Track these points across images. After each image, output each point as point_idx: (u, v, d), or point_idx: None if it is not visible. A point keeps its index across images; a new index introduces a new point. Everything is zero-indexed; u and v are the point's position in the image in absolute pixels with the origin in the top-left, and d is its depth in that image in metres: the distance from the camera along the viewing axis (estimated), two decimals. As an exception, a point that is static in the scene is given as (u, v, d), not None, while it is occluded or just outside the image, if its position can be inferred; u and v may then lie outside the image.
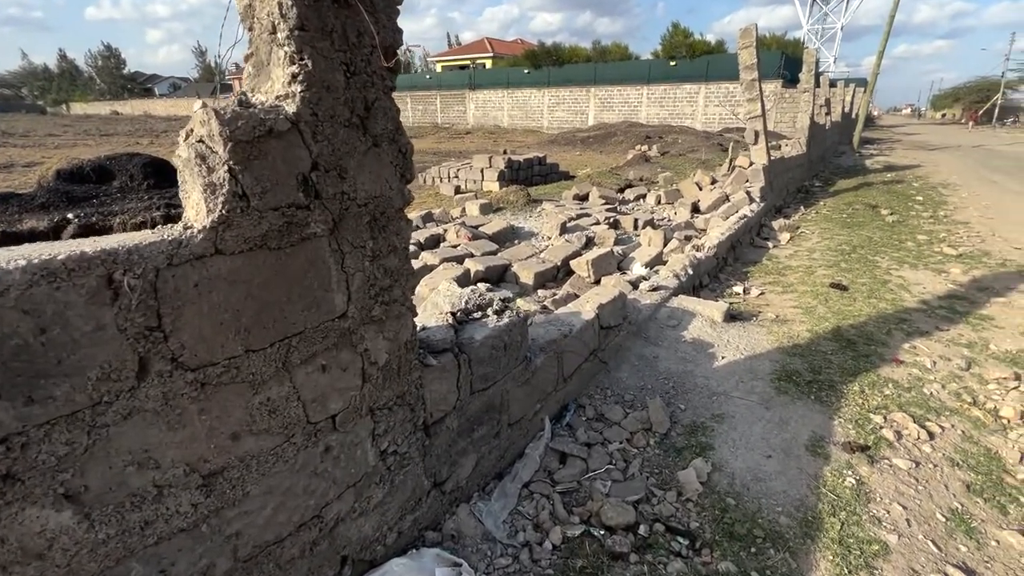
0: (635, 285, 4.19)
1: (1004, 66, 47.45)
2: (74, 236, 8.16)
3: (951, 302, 4.47)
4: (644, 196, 8.80)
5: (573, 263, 4.64)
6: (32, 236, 8.27)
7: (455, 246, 4.89)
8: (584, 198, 8.47)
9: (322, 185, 1.24)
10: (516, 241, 5.76)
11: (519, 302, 4.01)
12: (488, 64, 43.14)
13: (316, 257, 1.27)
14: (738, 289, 4.78)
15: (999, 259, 5.79)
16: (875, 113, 62.68)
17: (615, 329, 3.24)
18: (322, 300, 1.31)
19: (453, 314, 2.14)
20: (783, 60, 25.16)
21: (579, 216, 6.71)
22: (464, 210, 7.58)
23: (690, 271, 4.50)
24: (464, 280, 4.00)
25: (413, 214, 6.76)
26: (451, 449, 1.94)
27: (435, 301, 2.27)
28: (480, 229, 5.63)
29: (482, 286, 2.65)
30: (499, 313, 2.22)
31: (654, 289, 4.00)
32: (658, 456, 2.38)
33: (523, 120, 32.41)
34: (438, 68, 47.76)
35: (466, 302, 2.20)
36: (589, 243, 5.68)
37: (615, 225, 6.58)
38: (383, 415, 1.58)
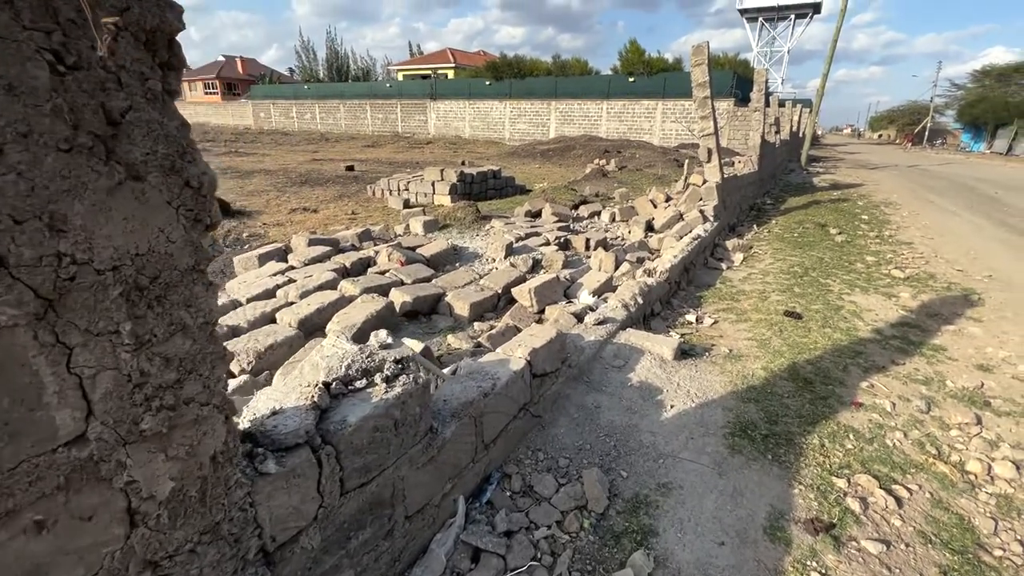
0: (580, 317, 3.81)
1: (932, 92, 50.94)
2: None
3: (904, 331, 4.33)
4: (599, 213, 8.55)
5: (515, 291, 4.23)
6: None
7: (384, 272, 4.40)
8: (537, 215, 8.13)
9: (5, 245, 0.76)
10: (457, 264, 5.31)
11: (449, 339, 3.56)
12: (450, 74, 42.81)
13: (3, 359, 0.79)
14: (691, 318, 4.49)
15: (944, 282, 5.78)
16: (819, 132, 66.09)
17: (552, 375, 2.83)
18: (26, 423, 0.82)
19: (327, 385, 1.67)
20: (735, 79, 25.95)
21: (528, 235, 6.34)
22: (408, 227, 7.08)
23: (640, 300, 4.17)
24: (386, 315, 3.52)
25: (350, 231, 6.21)
26: (312, 573, 1.46)
27: (306, 368, 1.79)
28: (417, 251, 5.15)
29: (376, 341, 2.19)
30: (390, 380, 1.76)
31: (600, 322, 3.63)
32: (593, 545, 1.96)
33: (485, 131, 32.18)
34: (399, 77, 47.08)
35: (347, 367, 1.73)
36: (536, 266, 5.30)
37: (565, 246, 6.23)
38: (179, 565, 1.09)
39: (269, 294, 3.77)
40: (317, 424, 1.49)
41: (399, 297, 3.78)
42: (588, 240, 6.29)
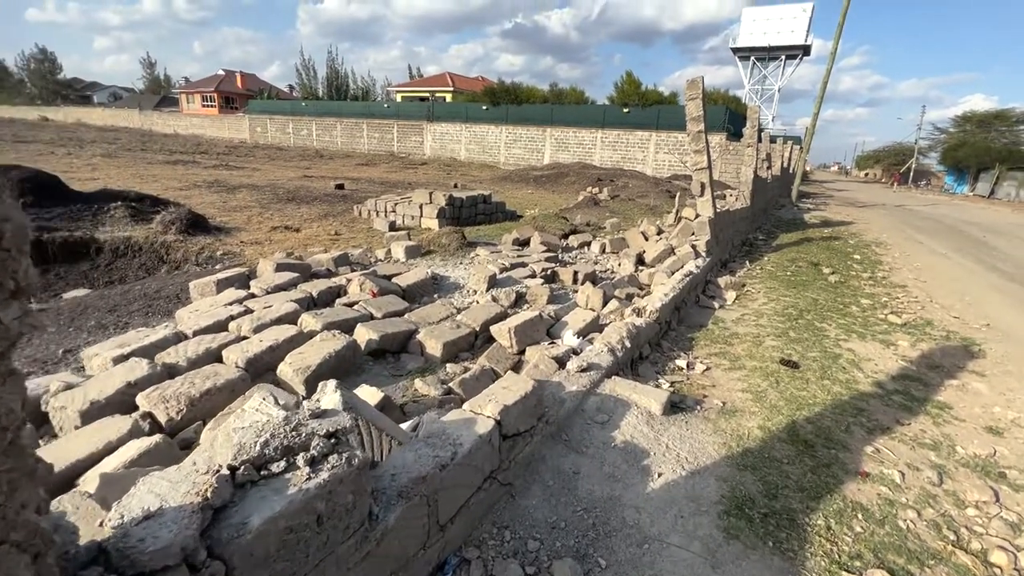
0: (562, 362, 3.51)
1: (917, 134, 52.34)
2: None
3: (906, 384, 4.07)
4: (589, 244, 8.33)
5: (494, 329, 3.93)
6: None
7: (353, 304, 4.07)
8: (525, 243, 7.89)
9: None
10: (435, 296, 5.00)
11: (417, 383, 3.23)
12: (448, 98, 43.26)
13: None
14: (682, 363, 4.21)
15: (942, 330, 5.58)
16: (808, 169, 67.51)
17: (526, 435, 2.51)
18: None
19: (232, 471, 1.34)
20: (727, 115, 26.38)
21: (514, 265, 6.07)
22: (390, 251, 6.78)
23: (628, 344, 3.88)
24: (347, 356, 3.18)
25: (326, 255, 5.90)
26: None
27: (219, 440, 1.46)
28: (394, 280, 4.84)
29: (321, 397, 1.86)
30: (317, 461, 1.43)
31: (584, 369, 3.33)
32: (561, 663, 1.62)
33: (480, 154, 32.31)
34: (398, 98, 47.47)
35: (264, 444, 1.41)
36: (520, 300, 5.01)
37: (552, 278, 5.97)
38: None
39: (221, 326, 3.42)
40: (206, 530, 1.16)
41: (364, 334, 3.45)
42: (576, 273, 6.03)
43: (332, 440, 1.51)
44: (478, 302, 4.82)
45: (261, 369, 2.98)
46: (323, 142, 38.78)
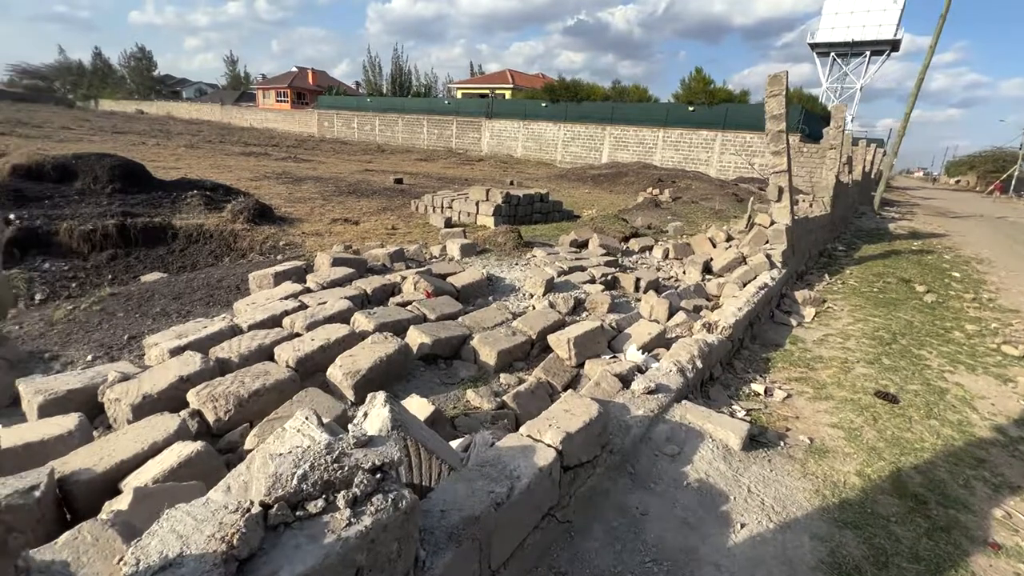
0: (626, 381, 3.20)
1: (1023, 139, 46.98)
2: (12, 240, 7.15)
3: (1034, 432, 3.45)
4: (650, 248, 7.88)
5: (552, 338, 3.67)
6: None
7: (407, 303, 3.94)
8: (583, 245, 7.56)
9: None
10: (490, 298, 4.79)
11: (469, 394, 3.03)
12: (507, 95, 43.25)
13: None
14: (758, 388, 3.78)
15: (1073, 367, 4.77)
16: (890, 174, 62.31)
17: (588, 466, 2.24)
18: None
19: (266, 508, 1.16)
20: (802, 114, 24.68)
21: (572, 269, 5.77)
22: (445, 248, 6.67)
23: (699, 363, 3.51)
24: (399, 360, 3.03)
25: (382, 250, 5.85)
26: None
27: (255, 464, 1.30)
28: (448, 279, 4.68)
29: (370, 411, 1.69)
30: (359, 502, 1.24)
31: (651, 391, 3.01)
32: None
33: (537, 152, 32.07)
34: (458, 95, 48.01)
35: (302, 478, 1.22)
36: (578, 307, 4.71)
37: (612, 284, 5.62)
38: None
39: (275, 321, 3.38)
40: (229, 587, 0.98)
41: (417, 338, 3.29)
42: (638, 280, 5.66)
43: (378, 476, 1.31)
44: (534, 307, 4.58)
45: (311, 369, 2.88)
46: (385, 137, 39.85)
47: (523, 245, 7.04)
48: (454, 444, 2.40)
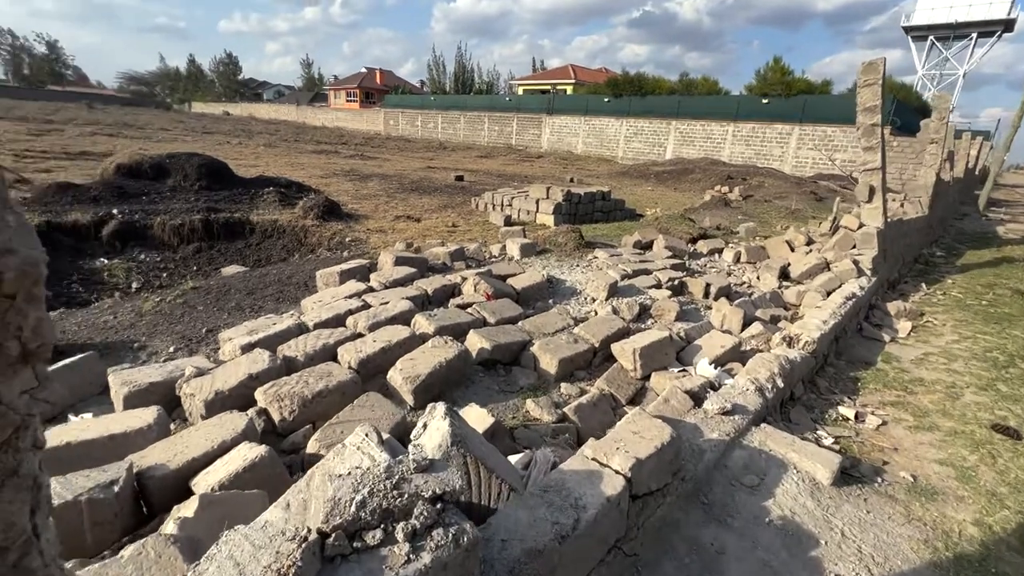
0: (698, 398, 2.97)
1: None
2: (113, 233, 7.83)
3: None
4: (720, 251, 7.42)
5: (616, 348, 3.48)
6: (75, 228, 7.99)
7: (467, 305, 3.89)
8: (647, 247, 7.24)
9: None
10: (551, 301, 4.66)
11: (528, 404, 2.92)
12: (569, 90, 42.73)
13: None
14: (847, 412, 3.41)
15: None
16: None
17: (658, 494, 2.07)
18: None
19: (324, 536, 1.10)
20: (894, 104, 22.54)
21: (636, 272, 5.51)
22: (505, 247, 6.60)
23: (779, 382, 3.20)
24: (458, 366, 2.96)
25: (443, 249, 5.87)
26: None
27: (315, 481, 1.25)
28: (508, 281, 4.59)
29: (430, 422, 1.61)
30: (418, 535, 1.15)
31: (726, 412, 2.77)
32: None
33: (598, 148, 31.45)
34: (519, 91, 48.01)
35: (360, 504, 1.16)
36: (643, 314, 4.48)
37: (680, 290, 5.31)
38: None
39: (339, 320, 3.43)
40: (282, 627, 0.92)
41: (476, 343, 3.22)
42: (708, 285, 5.32)
43: (438, 506, 1.23)
44: (596, 312, 4.39)
45: (373, 371, 2.89)
46: (447, 134, 40.57)
47: (584, 245, 6.84)
48: (513, 459, 2.29)
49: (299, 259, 6.81)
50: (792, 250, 7.26)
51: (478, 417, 2.42)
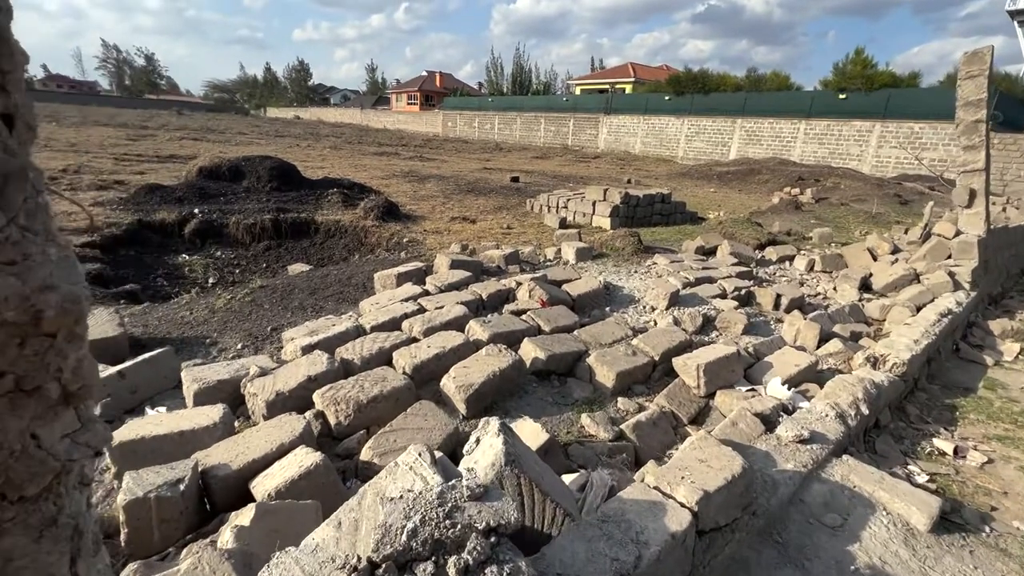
0: (770, 422, 2.73)
1: None
2: (194, 231, 8.47)
3: None
4: (792, 259, 6.94)
5: (677, 362, 3.29)
6: (162, 226, 8.70)
7: (521, 312, 3.81)
8: (710, 253, 6.88)
9: None
10: (607, 309, 4.49)
11: (584, 419, 2.81)
12: (628, 89, 41.84)
13: None
14: (943, 445, 3.04)
15: None
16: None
17: (726, 530, 1.90)
18: None
19: (374, 565, 1.06)
20: (996, 96, 20.32)
21: (699, 280, 5.23)
22: (560, 251, 6.48)
23: (864, 408, 2.90)
24: (512, 375, 2.89)
25: (498, 252, 5.84)
26: None
27: (367, 501, 1.20)
28: (564, 287, 4.47)
29: (483, 438, 1.54)
30: (474, 570, 1.08)
31: (803, 440, 2.53)
32: None
33: (656, 148, 30.56)
34: (577, 91, 47.57)
35: (411, 533, 1.10)
36: (707, 325, 4.22)
37: (747, 300, 4.98)
38: None
39: (395, 324, 3.46)
40: (329, 667, 0.88)
41: (531, 352, 3.14)
42: (779, 296, 4.96)
43: (492, 539, 1.15)
44: (656, 322, 4.19)
45: (426, 377, 2.88)
46: (503, 135, 40.83)
47: (643, 250, 6.59)
48: (568, 480, 2.19)
49: (359, 259, 7.01)
50: (875, 259, 6.66)
51: (532, 432, 2.33)
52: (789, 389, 3.19)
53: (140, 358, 2.80)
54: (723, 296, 4.92)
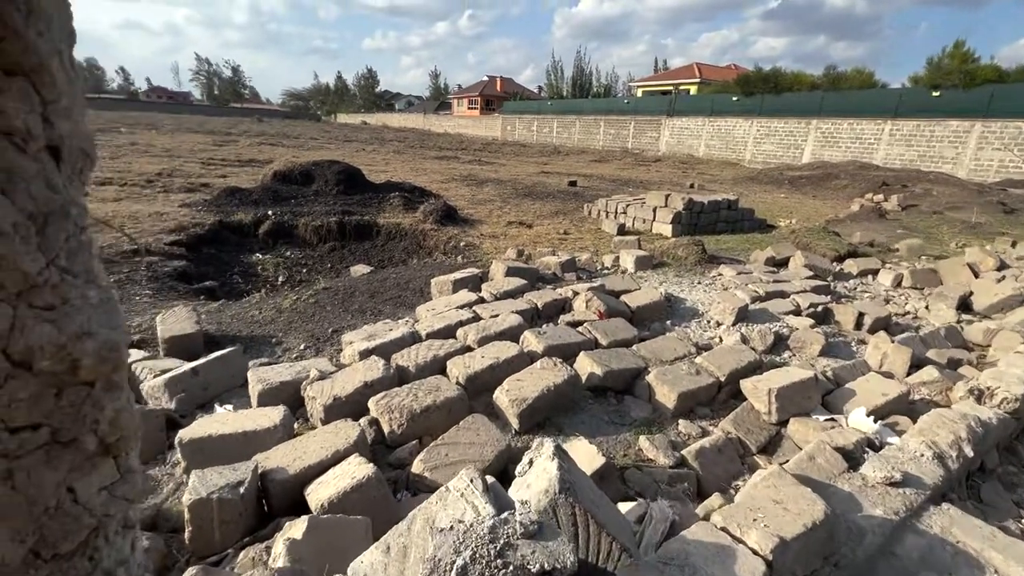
0: (852, 459, 2.46)
1: None
2: (267, 232, 9.00)
3: None
4: (875, 273, 6.35)
5: (746, 384, 3.06)
6: (239, 227, 9.34)
7: (578, 323, 3.69)
8: (782, 264, 6.43)
9: None
10: (668, 322, 4.28)
11: (642, 441, 2.66)
12: (693, 90, 40.43)
13: None
14: (1067, 497, 2.62)
15: None
16: None
17: (804, 583, 1.70)
18: None
19: (420, 605, 1.00)
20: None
21: (770, 295, 4.88)
22: (618, 259, 6.29)
23: (967, 449, 2.56)
24: (566, 391, 2.79)
25: (554, 258, 5.74)
26: None
27: (416, 526, 1.16)
28: (622, 298, 4.30)
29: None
30: (524, 622, 1.00)
31: (894, 482, 2.25)
32: None
33: (722, 151, 29.30)
34: (638, 93, 46.56)
35: (461, 571, 1.04)
36: (778, 344, 3.92)
37: (824, 318, 4.59)
38: None
39: (450, 331, 3.45)
40: None
41: (587, 367, 3.02)
42: (861, 315, 4.53)
43: (548, 583, 1.07)
44: (721, 339, 3.94)
45: (479, 388, 2.84)
46: (562, 139, 40.66)
47: (707, 260, 6.27)
48: (624, 509, 2.06)
49: (417, 262, 7.14)
50: (976, 275, 5.97)
51: (587, 455, 2.22)
52: (875, 422, 2.88)
53: (212, 356, 2.95)
54: (797, 312, 4.56)
